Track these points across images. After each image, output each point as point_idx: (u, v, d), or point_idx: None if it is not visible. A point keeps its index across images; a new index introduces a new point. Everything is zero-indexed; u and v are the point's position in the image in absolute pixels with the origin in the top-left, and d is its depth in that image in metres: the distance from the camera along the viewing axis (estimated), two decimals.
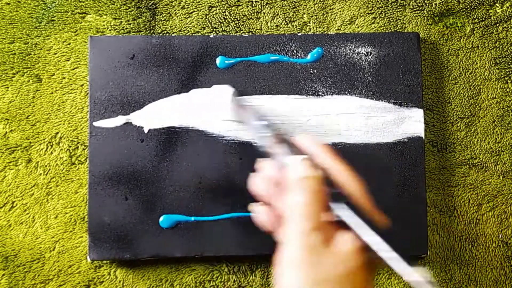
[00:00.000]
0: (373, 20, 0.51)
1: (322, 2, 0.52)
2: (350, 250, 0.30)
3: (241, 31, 0.51)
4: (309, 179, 0.31)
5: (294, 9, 0.51)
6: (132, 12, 0.51)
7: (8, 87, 0.50)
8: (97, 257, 0.47)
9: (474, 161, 0.50)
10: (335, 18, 0.51)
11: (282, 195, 0.33)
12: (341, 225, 0.31)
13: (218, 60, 0.49)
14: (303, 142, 0.35)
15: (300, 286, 0.29)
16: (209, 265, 0.49)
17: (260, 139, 0.38)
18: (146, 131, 0.48)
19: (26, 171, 0.49)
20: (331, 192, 0.32)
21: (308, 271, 0.29)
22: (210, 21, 0.51)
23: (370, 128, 0.48)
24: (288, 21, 0.51)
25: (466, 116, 0.51)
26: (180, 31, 0.51)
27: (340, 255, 0.30)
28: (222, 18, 0.51)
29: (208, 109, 0.47)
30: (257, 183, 0.35)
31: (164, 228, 0.47)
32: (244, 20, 0.51)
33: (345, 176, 0.33)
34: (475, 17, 0.52)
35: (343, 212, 0.32)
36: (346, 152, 0.48)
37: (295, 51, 0.49)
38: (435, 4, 0.52)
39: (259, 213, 0.34)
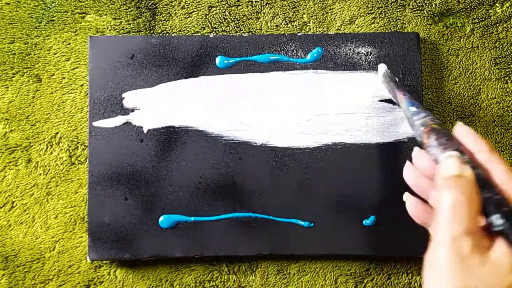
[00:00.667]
0: (373, 20, 0.51)
1: (322, 2, 0.52)
2: (510, 263, 0.27)
3: (241, 31, 0.51)
4: (460, 179, 0.29)
5: (294, 9, 0.51)
6: (132, 12, 0.51)
7: (8, 87, 0.50)
8: (97, 257, 0.47)
9: None
10: (335, 18, 0.51)
11: (434, 190, 0.31)
12: (500, 235, 0.28)
13: (217, 60, 0.49)
14: (462, 135, 0.32)
15: None
16: (209, 265, 0.49)
17: (412, 122, 0.34)
18: (145, 131, 0.48)
19: (26, 171, 0.49)
20: (491, 197, 0.29)
21: (457, 278, 0.26)
22: (210, 21, 0.51)
23: (370, 128, 0.48)
24: (288, 21, 0.51)
25: (466, 116, 0.51)
26: (180, 31, 0.51)
27: (496, 267, 0.27)
28: (222, 18, 0.51)
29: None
30: (408, 173, 0.33)
31: (164, 228, 0.47)
32: (244, 20, 0.51)
33: (508, 179, 0.29)
34: (475, 17, 0.52)
35: (502, 221, 0.28)
36: (346, 152, 0.48)
37: (295, 51, 0.49)
38: (435, 4, 0.52)
39: (409, 204, 0.33)
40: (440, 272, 0.27)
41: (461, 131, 0.32)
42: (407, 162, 0.35)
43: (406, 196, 0.34)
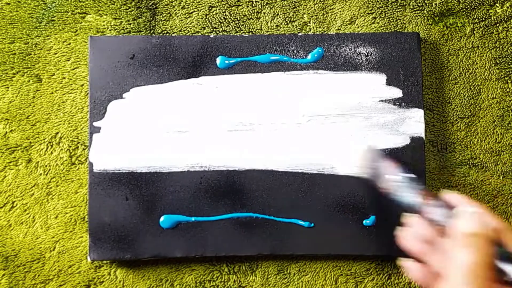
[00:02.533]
0: (373, 20, 0.51)
1: (322, 2, 0.52)
2: None
3: (241, 31, 0.51)
4: (480, 236, 0.28)
5: (294, 9, 0.51)
6: (132, 12, 0.51)
7: (8, 87, 0.50)
8: (97, 257, 0.47)
9: (474, 161, 0.50)
10: (335, 18, 0.51)
11: (438, 253, 0.31)
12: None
13: (218, 60, 0.49)
14: (454, 199, 0.32)
15: None
16: (209, 265, 0.49)
17: (404, 191, 0.35)
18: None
19: (26, 171, 0.49)
20: (498, 250, 0.29)
21: None
22: (210, 21, 0.51)
23: (370, 128, 0.48)
24: (288, 21, 0.51)
25: (466, 116, 0.51)
26: (180, 31, 0.51)
27: None
28: (222, 18, 0.51)
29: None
30: (408, 239, 0.33)
31: (164, 228, 0.47)
32: (244, 20, 0.51)
33: (505, 231, 0.30)
34: (475, 17, 0.52)
35: None
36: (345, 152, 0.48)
37: (295, 51, 0.49)
38: (435, 4, 0.52)
39: (411, 270, 0.33)
40: None
41: (450, 196, 0.33)
42: (402, 228, 0.35)
43: (406, 262, 0.34)
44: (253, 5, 0.51)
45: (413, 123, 0.48)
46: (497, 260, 0.28)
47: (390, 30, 0.51)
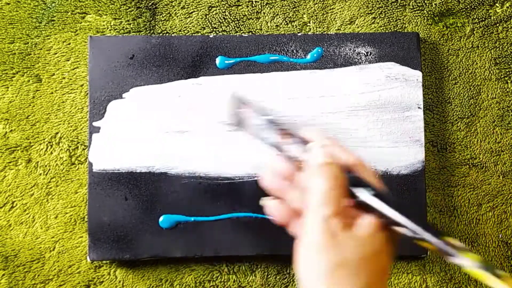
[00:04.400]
0: (373, 20, 0.51)
1: (322, 2, 0.52)
2: (371, 233, 0.31)
3: (241, 31, 0.51)
4: (330, 165, 0.31)
5: (294, 9, 0.51)
6: (132, 12, 0.51)
7: (8, 87, 0.50)
8: (97, 257, 0.47)
9: (474, 161, 0.50)
10: (335, 18, 0.51)
11: (296, 189, 0.33)
12: (362, 209, 0.32)
13: (218, 60, 0.49)
14: (310, 135, 0.34)
15: (321, 270, 0.29)
16: (209, 265, 0.49)
17: (265, 134, 0.37)
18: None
19: (26, 171, 0.49)
20: (349, 176, 0.32)
21: (329, 255, 0.29)
22: (210, 21, 0.51)
23: (370, 128, 0.48)
24: (288, 21, 0.51)
25: (466, 116, 0.51)
26: (180, 31, 0.51)
27: (361, 238, 0.30)
28: (222, 18, 0.51)
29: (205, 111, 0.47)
30: (267, 178, 0.34)
31: (164, 228, 0.47)
32: (244, 20, 0.51)
33: (356, 163, 0.33)
34: (475, 17, 0.52)
35: (365, 195, 0.32)
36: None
37: (295, 51, 0.49)
38: (435, 4, 0.52)
39: (272, 207, 0.34)
40: (314, 251, 0.30)
41: (307, 131, 0.35)
42: (266, 167, 0.35)
43: (266, 201, 0.35)
44: (253, 5, 0.51)
45: (413, 123, 0.48)
46: (349, 185, 0.32)
47: (389, 30, 0.51)
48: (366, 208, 0.32)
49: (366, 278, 0.29)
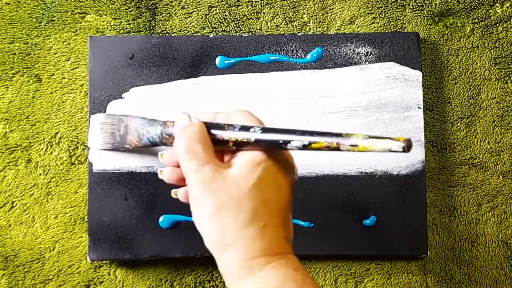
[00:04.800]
0: (373, 20, 0.51)
1: (322, 2, 0.52)
2: (250, 166, 0.33)
3: (241, 31, 0.51)
4: (188, 126, 0.34)
5: (294, 9, 0.51)
6: (132, 12, 0.51)
7: (8, 87, 0.50)
8: (97, 257, 0.47)
9: (474, 161, 0.50)
10: (335, 18, 0.51)
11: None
12: (240, 149, 0.34)
13: (217, 60, 0.49)
14: (173, 117, 0.38)
15: (207, 214, 0.32)
16: (209, 265, 0.49)
17: (149, 131, 0.40)
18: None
19: (26, 171, 0.49)
20: (207, 124, 0.35)
21: (212, 199, 0.32)
22: (210, 21, 0.51)
23: (370, 128, 0.48)
24: (288, 21, 0.51)
25: (466, 116, 0.51)
26: (180, 31, 0.51)
27: (240, 175, 0.32)
28: (222, 18, 0.51)
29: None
30: (166, 174, 0.38)
31: (164, 228, 0.47)
32: (244, 20, 0.51)
33: (214, 116, 0.36)
34: (475, 17, 0.52)
35: (229, 133, 0.34)
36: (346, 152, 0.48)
37: (295, 51, 0.49)
38: (435, 4, 0.52)
39: (165, 174, 0.38)
40: (196, 201, 0.33)
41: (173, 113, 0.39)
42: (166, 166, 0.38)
43: (161, 170, 0.38)
44: (253, 5, 0.51)
45: (412, 123, 0.48)
46: (209, 130, 0.35)
47: (389, 30, 0.51)
48: (241, 145, 0.34)
49: (251, 212, 0.32)
